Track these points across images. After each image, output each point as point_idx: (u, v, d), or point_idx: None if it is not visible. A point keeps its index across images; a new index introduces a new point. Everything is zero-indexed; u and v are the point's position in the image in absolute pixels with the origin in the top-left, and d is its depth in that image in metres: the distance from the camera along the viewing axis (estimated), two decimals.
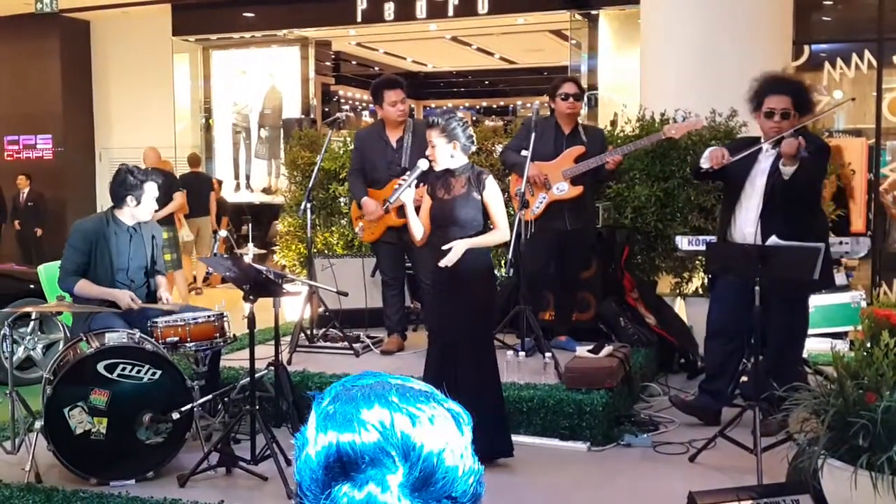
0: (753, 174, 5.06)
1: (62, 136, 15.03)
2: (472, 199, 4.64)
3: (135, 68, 14.80)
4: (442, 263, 4.58)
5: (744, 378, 5.52)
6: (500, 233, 4.71)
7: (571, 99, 6.10)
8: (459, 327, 4.66)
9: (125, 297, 5.08)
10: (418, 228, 4.79)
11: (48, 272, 5.95)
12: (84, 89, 15.27)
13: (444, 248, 4.58)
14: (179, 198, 9.86)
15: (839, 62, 9.57)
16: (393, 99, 6.16)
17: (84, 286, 5.06)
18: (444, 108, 18.80)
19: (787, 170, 4.80)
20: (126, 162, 5.47)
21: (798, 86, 5.21)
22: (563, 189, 6.06)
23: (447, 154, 4.68)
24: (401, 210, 6.01)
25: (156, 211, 5.47)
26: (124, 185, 5.15)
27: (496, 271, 7.16)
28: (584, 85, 12.56)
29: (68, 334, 5.43)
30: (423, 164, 4.74)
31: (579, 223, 6.14)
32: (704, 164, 5.08)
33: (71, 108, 15.06)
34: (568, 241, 6.18)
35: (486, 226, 4.73)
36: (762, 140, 5.11)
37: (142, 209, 5.20)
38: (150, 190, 5.20)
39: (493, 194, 4.67)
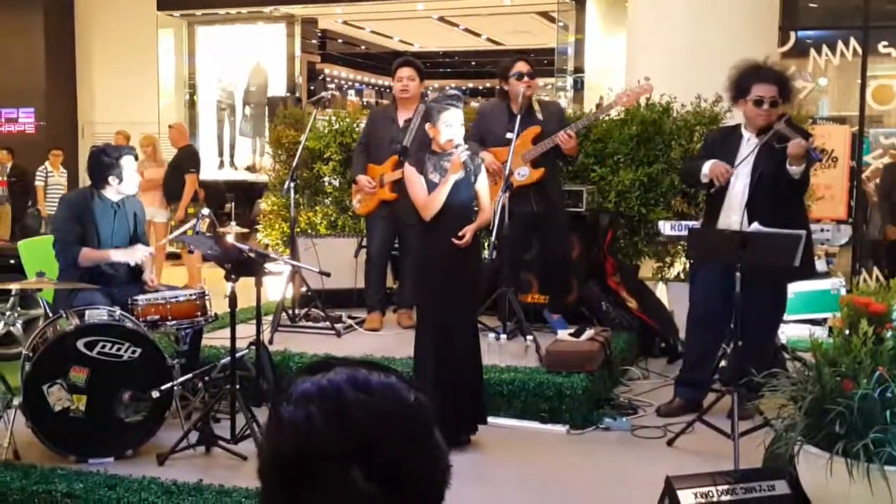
0: (738, 162, 5.06)
1: (45, 110, 14.89)
2: (469, 183, 4.66)
3: (119, 43, 14.64)
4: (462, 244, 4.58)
5: (722, 363, 5.55)
6: (489, 212, 4.89)
7: (526, 78, 6.05)
8: (467, 306, 4.76)
9: (137, 252, 5.11)
10: (439, 203, 4.59)
11: (28, 248, 5.90)
12: (67, 63, 15.11)
13: (462, 235, 4.55)
14: (191, 179, 9.87)
15: (825, 49, 9.56)
16: (399, 75, 6.33)
17: (88, 252, 5.03)
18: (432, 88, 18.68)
19: (796, 170, 4.79)
20: (104, 138, 5.43)
21: (783, 74, 5.20)
22: (524, 174, 6.03)
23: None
24: (394, 185, 6.08)
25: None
26: (101, 166, 5.10)
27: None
28: (571, 67, 12.64)
29: (48, 311, 5.39)
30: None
31: (544, 206, 6.10)
32: (705, 179, 5.08)
33: (54, 83, 14.90)
34: (538, 224, 6.16)
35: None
36: (742, 127, 5.15)
37: (126, 184, 5.17)
38: (129, 164, 5.16)
39: (485, 179, 4.78)
